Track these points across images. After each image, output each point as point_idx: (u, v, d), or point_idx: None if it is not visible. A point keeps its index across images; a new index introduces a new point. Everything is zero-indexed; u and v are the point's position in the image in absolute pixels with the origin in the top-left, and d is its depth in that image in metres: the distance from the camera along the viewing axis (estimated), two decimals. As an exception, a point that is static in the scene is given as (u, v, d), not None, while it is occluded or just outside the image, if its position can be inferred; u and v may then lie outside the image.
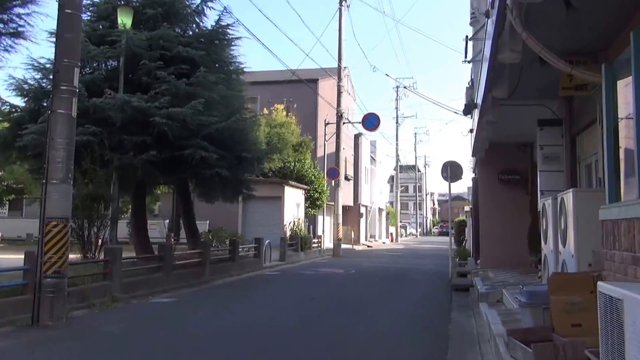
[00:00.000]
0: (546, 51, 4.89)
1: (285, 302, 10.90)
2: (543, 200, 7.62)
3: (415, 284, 15.10)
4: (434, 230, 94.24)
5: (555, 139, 10.27)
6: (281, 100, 31.26)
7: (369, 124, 28.15)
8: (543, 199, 7.71)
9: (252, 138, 15.44)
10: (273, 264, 19.87)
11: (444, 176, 16.73)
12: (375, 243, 45.20)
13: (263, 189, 24.37)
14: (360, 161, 42.78)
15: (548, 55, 4.89)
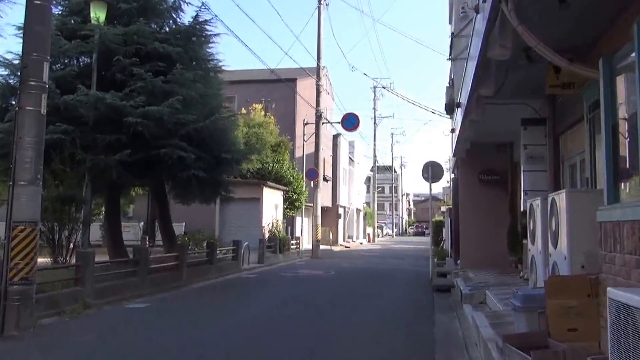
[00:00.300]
0: (542, 46, 4.69)
1: (264, 306, 10.59)
2: (531, 200, 7.46)
3: (396, 284, 14.91)
4: (409, 230, 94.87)
5: (538, 138, 10.16)
6: (259, 100, 30.91)
7: (349, 124, 27.94)
8: (531, 199, 7.55)
9: (231, 138, 15.11)
10: (251, 266, 19.54)
11: (425, 176, 16.57)
12: (353, 244, 45.07)
13: (241, 190, 23.96)
14: (339, 162, 42.59)
15: (544, 50, 4.70)
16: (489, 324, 6.49)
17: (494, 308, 8.56)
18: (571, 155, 9.26)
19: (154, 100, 12.43)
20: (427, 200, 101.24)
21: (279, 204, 26.91)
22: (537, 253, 7.00)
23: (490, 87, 8.04)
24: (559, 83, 7.47)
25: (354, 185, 50.49)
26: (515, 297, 4.97)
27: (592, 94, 7.03)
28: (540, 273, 6.80)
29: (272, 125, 28.82)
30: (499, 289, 9.96)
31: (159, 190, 15.64)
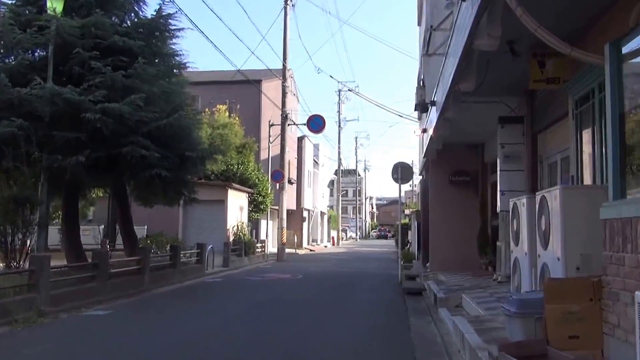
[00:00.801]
0: (543, 30, 4.38)
1: (231, 312, 10.08)
2: (515, 199, 7.18)
3: (366, 288, 14.55)
4: (372, 233, 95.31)
5: (516, 137, 9.97)
6: (223, 101, 30.20)
7: (314, 125, 27.51)
8: (515, 198, 7.28)
9: (196, 137, 14.52)
10: (216, 270, 18.94)
11: (395, 177, 16.30)
12: (317, 247, 44.70)
13: (206, 192, 23.29)
14: (304, 164, 42.18)
15: (545, 34, 4.39)
16: (474, 330, 6.15)
17: (473, 312, 8.26)
18: (550, 154, 9.06)
19: (114, 95, 11.80)
20: (390, 204, 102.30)
21: (244, 207, 26.32)
22: (522, 255, 6.71)
23: (471, 82, 7.75)
24: (543, 78, 7.24)
25: (319, 188, 50.14)
26: (510, 302, 4.63)
27: (578, 89, 6.81)
28: (526, 276, 6.51)
29: (237, 126, 28.20)
30: (475, 292, 9.70)
31: (120, 191, 14.93)
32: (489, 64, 7.83)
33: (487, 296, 9.08)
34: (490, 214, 15.12)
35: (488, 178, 15.33)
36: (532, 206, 6.34)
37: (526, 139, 9.86)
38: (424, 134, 14.57)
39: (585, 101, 6.71)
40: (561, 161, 8.45)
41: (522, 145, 9.89)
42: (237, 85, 32.85)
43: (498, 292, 9.41)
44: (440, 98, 10.13)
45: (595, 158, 6.33)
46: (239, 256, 22.38)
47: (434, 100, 11.38)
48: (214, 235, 22.69)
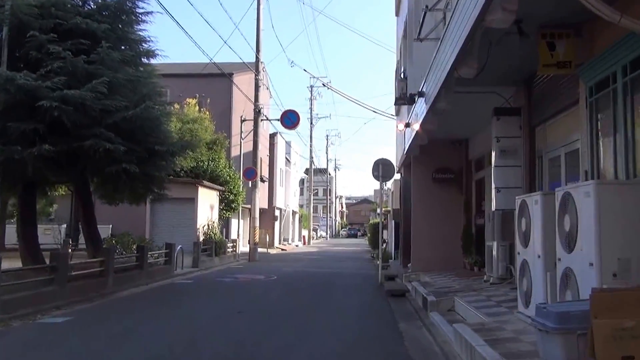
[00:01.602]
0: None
1: (204, 319, 9.19)
2: (523, 196, 6.50)
3: (346, 290, 13.79)
4: (341, 232, 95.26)
5: (512, 130, 9.34)
6: (193, 94, 29.07)
7: (288, 121, 26.64)
8: (522, 195, 6.60)
9: (165, 129, 13.52)
10: (186, 270, 17.97)
11: (375, 175, 15.59)
12: (289, 246, 43.86)
13: (175, 190, 22.11)
14: (276, 162, 41.25)
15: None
16: (485, 342, 5.44)
17: (472, 318, 7.58)
18: (552, 148, 8.44)
19: (75, 83, 10.81)
20: (360, 203, 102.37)
21: (215, 205, 25.30)
22: (533, 257, 6.02)
23: (473, 67, 7.05)
24: (553, 62, 6.57)
25: (291, 187, 49.31)
26: (544, 314, 3.91)
27: (594, 73, 6.16)
28: (539, 281, 5.82)
29: (207, 121, 27.14)
30: (469, 296, 9.03)
31: (83, 187, 13.85)
32: (492, 47, 7.15)
33: (484, 299, 8.42)
34: (475, 213, 14.55)
35: (472, 175, 14.75)
36: (549, 204, 5.65)
37: (523, 132, 9.23)
38: (407, 128, 13.88)
39: (603, 87, 6.06)
40: (566, 155, 7.82)
41: (519, 139, 9.26)
42: (207, 78, 31.73)
43: (495, 295, 8.76)
44: (432, 88, 9.44)
45: (618, 150, 5.68)
46: (210, 256, 21.43)
47: (422, 91, 10.67)
48: (184, 235, 21.66)
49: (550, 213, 5.64)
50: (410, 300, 11.28)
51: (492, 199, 9.42)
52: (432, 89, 9.30)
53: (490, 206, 13.02)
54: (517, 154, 9.22)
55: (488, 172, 13.08)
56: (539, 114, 8.81)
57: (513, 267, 9.97)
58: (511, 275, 10.00)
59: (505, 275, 10.03)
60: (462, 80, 8.32)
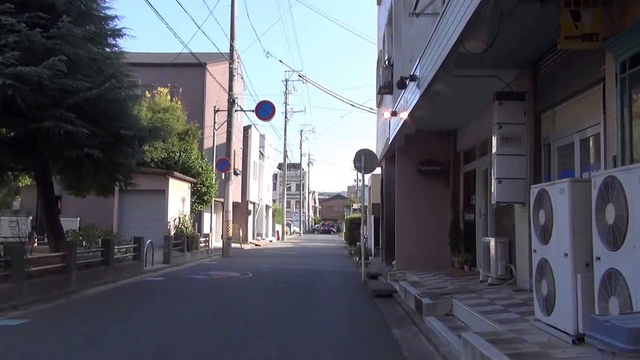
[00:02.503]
0: None
1: (177, 321, 8.24)
2: (542, 185, 5.70)
3: (328, 289, 12.94)
4: (315, 228, 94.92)
5: (516, 116, 8.55)
6: (165, 84, 27.80)
7: (263, 113, 25.62)
8: (542, 184, 5.80)
9: (132, 113, 12.44)
10: (156, 267, 16.94)
11: (357, 166, 14.75)
12: (262, 241, 42.87)
13: (144, 181, 21.02)
14: (249, 155, 40.18)
15: None
16: (507, 356, 4.63)
17: (477, 325, 6.79)
18: (562, 135, 7.68)
19: (32, 59, 9.72)
20: (333, 198, 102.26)
21: (187, 197, 24.19)
22: (556, 256, 5.23)
23: (482, 40, 6.24)
24: (578, 34, 5.78)
25: (264, 181, 48.27)
26: (610, 331, 3.09)
27: (628, 45, 5.37)
28: (566, 285, 5.03)
29: (179, 111, 25.96)
30: (469, 298, 8.25)
31: (44, 175, 12.69)
32: (502, 20, 6.35)
33: (487, 303, 7.64)
34: (463, 207, 13.83)
35: (461, 168, 14.01)
36: (581, 192, 4.86)
37: (528, 119, 8.47)
38: (393, 117, 13.06)
39: (637, 62, 5.29)
40: (581, 142, 7.07)
41: (523, 126, 8.50)
42: (179, 68, 30.56)
43: (498, 297, 7.99)
44: (427, 69, 8.63)
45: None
46: (181, 251, 20.38)
47: (414, 75, 9.85)
48: (154, 229, 20.60)
49: (582, 203, 4.86)
50: (399, 302, 10.47)
51: (492, 190, 8.64)
52: (428, 71, 8.48)
53: (481, 200, 12.37)
54: (521, 141, 8.46)
55: (479, 163, 12.37)
56: (547, 99, 8.06)
57: (513, 266, 9.25)
58: (511, 275, 9.28)
59: (505, 275, 9.29)
60: (462, 60, 7.55)
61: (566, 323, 5.00)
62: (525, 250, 8.49)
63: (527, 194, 8.38)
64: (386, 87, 15.66)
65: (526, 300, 7.51)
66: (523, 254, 8.59)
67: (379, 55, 20.80)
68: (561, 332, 5.07)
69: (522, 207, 8.58)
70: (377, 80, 21.53)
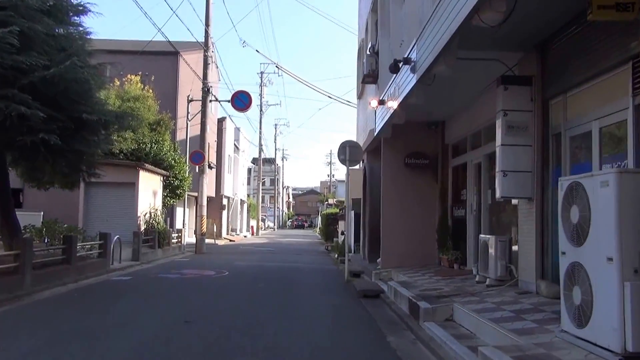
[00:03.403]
0: None
1: (143, 331, 7.27)
2: (576, 177, 4.90)
3: (311, 289, 12.07)
4: (288, 223, 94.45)
5: (522, 102, 7.78)
6: (136, 73, 26.52)
7: (239, 103, 24.60)
8: (575, 177, 5.00)
9: (96, 95, 11.33)
10: (124, 264, 15.87)
11: (342, 158, 13.89)
12: (237, 237, 41.81)
13: (113, 173, 19.99)
14: (224, 148, 39.04)
15: None
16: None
17: (489, 334, 6.00)
18: (577, 123, 6.91)
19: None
20: (307, 193, 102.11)
21: (158, 191, 23.02)
22: (595, 260, 4.44)
23: (499, 8, 5.42)
24: (612, 3, 4.99)
25: (239, 175, 47.13)
26: None
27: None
28: (609, 294, 4.24)
29: (151, 100, 24.72)
30: (470, 302, 7.46)
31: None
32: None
33: (494, 308, 6.84)
34: (451, 203, 13.08)
35: (449, 162, 13.26)
36: (631, 186, 4.07)
37: (535, 106, 7.70)
38: (380, 106, 12.22)
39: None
40: (600, 131, 6.30)
41: (530, 114, 7.72)
42: (152, 56, 29.31)
43: (504, 302, 7.20)
44: (426, 50, 7.80)
45: None
46: (152, 248, 19.29)
47: (408, 58, 9.02)
48: (123, 224, 19.41)
49: (631, 199, 4.06)
50: (388, 304, 9.65)
51: (496, 184, 7.85)
52: (428, 51, 7.65)
53: (473, 195, 11.62)
54: (527, 131, 7.68)
55: (471, 156, 11.61)
56: (557, 84, 7.30)
57: (514, 266, 8.50)
58: (511, 276, 8.52)
59: (505, 276, 8.52)
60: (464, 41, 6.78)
61: (608, 339, 4.21)
62: (529, 250, 7.74)
63: (534, 188, 7.64)
64: (370, 76, 14.84)
65: (537, 305, 6.75)
66: (527, 254, 7.84)
67: (360, 44, 20.00)
68: (601, 348, 4.28)
69: (527, 202, 7.82)
70: (359, 71, 20.71)
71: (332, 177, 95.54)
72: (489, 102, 9.84)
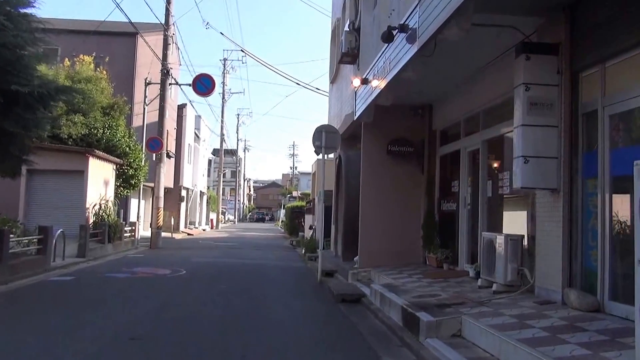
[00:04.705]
0: None
1: (75, 352, 5.71)
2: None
3: (280, 292, 10.62)
4: (249, 216, 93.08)
5: (548, 75, 6.48)
6: (90, 54, 24.43)
7: (201, 87, 22.83)
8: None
9: (32, 65, 9.56)
10: (68, 262, 14.11)
11: (317, 145, 12.44)
12: (196, 230, 39.99)
13: (59, 160, 18.18)
14: (184, 137, 37.09)
15: None
16: None
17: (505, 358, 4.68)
18: (620, 99, 5.66)
19: None
20: (268, 186, 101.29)
21: (111, 181, 21.10)
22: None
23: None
24: None
25: (199, 165, 45.16)
26: None
27: None
28: None
29: (105, 82, 22.75)
30: (484, 314, 6.14)
31: None
32: None
33: (518, 324, 5.52)
34: (439, 195, 11.83)
35: (437, 150, 12.00)
36: None
37: (563, 79, 6.42)
38: (365, 85, 10.83)
39: None
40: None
41: (556, 89, 6.44)
42: (107, 37, 27.41)
43: (525, 314, 5.91)
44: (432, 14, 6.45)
45: None
46: (101, 243, 17.51)
47: (405, 24, 7.65)
48: (70, 216, 17.57)
49: None
50: (373, 312, 8.26)
51: (515, 172, 6.55)
52: (434, 15, 6.32)
53: (467, 187, 10.37)
54: (552, 109, 6.40)
55: (466, 143, 10.35)
56: (592, 52, 6.03)
57: (528, 270, 7.23)
58: (523, 282, 7.25)
59: (517, 280, 7.25)
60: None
61: None
62: (553, 252, 6.47)
63: (560, 177, 6.37)
64: (348, 55, 13.46)
65: (571, 322, 5.48)
66: (549, 256, 6.56)
67: (335, 24, 18.61)
68: None
69: (550, 195, 6.54)
70: (332, 54, 19.32)
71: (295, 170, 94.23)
72: (492, 79, 8.61)
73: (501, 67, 8.14)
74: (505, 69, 7.94)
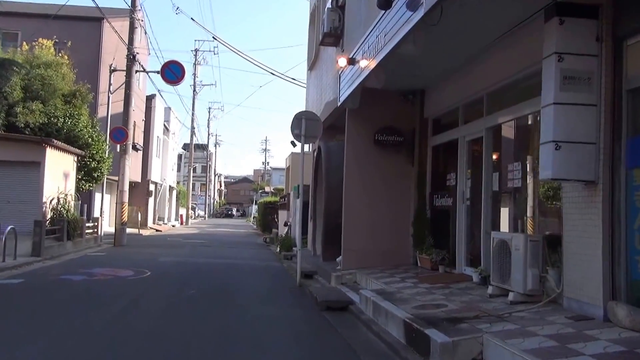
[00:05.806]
0: None
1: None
2: None
3: (256, 298, 9.38)
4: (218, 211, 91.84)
5: (586, 44, 5.38)
6: (51, 38, 22.76)
7: (170, 75, 21.37)
8: None
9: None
10: (20, 261, 12.67)
11: (297, 133, 11.21)
12: (164, 227, 38.38)
13: (12, 150, 16.64)
14: (153, 129, 35.48)
15: None
16: None
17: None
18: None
19: None
20: (239, 182, 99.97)
21: (71, 173, 19.53)
22: None
23: None
24: None
25: (169, 159, 43.49)
26: None
27: None
28: None
29: (66, 67, 21.12)
30: (508, 334, 5.05)
31: None
32: None
33: (560, 348, 4.43)
34: (431, 190, 10.75)
35: (429, 139, 10.92)
36: None
37: (604, 48, 5.34)
38: (352, 65, 9.66)
39: None
40: None
41: (595, 59, 5.36)
42: (70, 21, 25.75)
43: (561, 334, 4.83)
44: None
45: None
46: (60, 240, 16.03)
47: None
48: (24, 211, 16.09)
49: None
50: (365, 322, 7.12)
51: (543, 160, 5.46)
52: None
53: (465, 181, 9.30)
54: (591, 84, 5.32)
55: (464, 131, 9.31)
56: None
57: (552, 278, 6.15)
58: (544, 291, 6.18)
59: (539, 289, 6.18)
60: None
61: None
62: (590, 257, 5.40)
63: (598, 167, 5.30)
64: (331, 35, 12.28)
65: (629, 346, 4.41)
66: (584, 262, 5.48)
67: (314, 7, 17.40)
68: None
69: (584, 188, 5.46)
70: (311, 39, 18.13)
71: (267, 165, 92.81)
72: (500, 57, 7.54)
73: (510, 43, 7.08)
74: (515, 45, 6.90)
